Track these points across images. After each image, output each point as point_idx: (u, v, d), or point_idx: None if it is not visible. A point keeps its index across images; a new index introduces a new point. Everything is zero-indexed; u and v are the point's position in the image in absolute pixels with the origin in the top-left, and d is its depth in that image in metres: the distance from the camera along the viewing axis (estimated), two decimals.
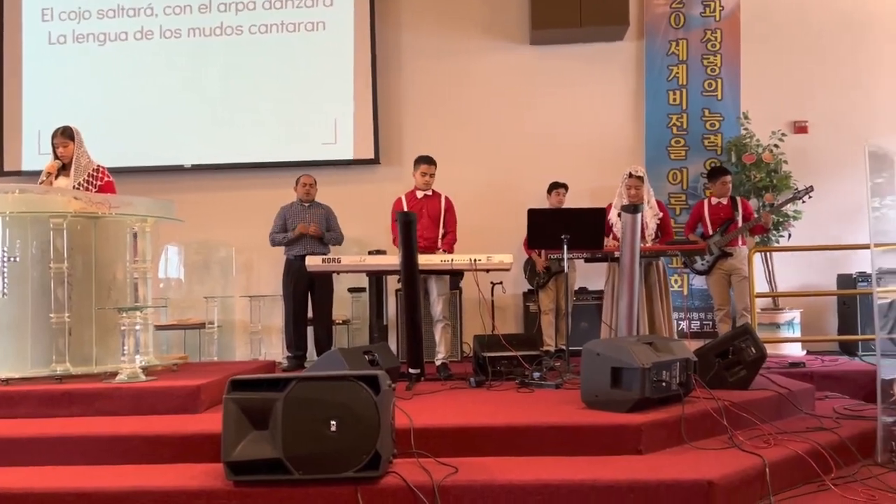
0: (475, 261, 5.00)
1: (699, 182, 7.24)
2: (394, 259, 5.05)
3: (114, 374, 4.23)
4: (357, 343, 6.85)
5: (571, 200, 6.45)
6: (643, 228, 5.53)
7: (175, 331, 7.02)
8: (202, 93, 7.60)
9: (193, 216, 7.14)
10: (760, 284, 6.47)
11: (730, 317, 5.93)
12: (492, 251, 5.15)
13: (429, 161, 5.55)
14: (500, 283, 6.67)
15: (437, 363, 5.32)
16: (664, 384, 3.72)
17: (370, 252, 6.56)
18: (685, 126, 7.32)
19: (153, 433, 3.50)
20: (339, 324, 6.80)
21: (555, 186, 6.51)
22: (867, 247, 4.35)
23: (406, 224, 4.82)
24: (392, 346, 6.55)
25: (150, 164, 7.53)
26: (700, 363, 4.11)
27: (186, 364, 5.34)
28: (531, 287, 6.65)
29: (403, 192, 5.72)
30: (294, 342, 6.09)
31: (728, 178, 6.06)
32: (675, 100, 7.35)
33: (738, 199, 6.08)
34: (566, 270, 5.08)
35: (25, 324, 4.35)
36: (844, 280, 6.77)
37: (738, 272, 5.86)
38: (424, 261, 5.04)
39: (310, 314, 6.22)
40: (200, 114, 7.59)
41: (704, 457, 3.32)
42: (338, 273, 5.76)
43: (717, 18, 7.33)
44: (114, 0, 7.68)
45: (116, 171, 5.29)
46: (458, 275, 6.13)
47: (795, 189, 5.77)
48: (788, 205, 6.13)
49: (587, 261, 5.60)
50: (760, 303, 6.45)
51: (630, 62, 7.51)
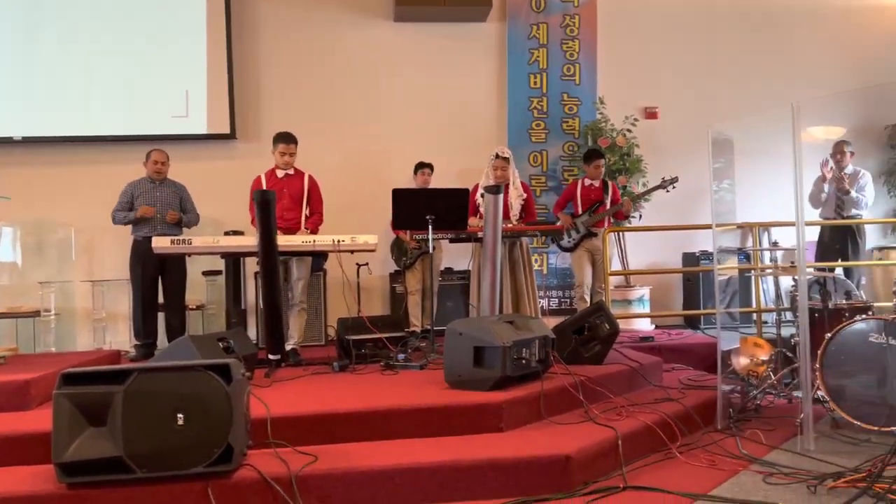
0: (339, 241, 4.86)
1: (558, 165, 7.45)
2: (251, 240, 4.81)
3: None
4: (213, 330, 6.50)
5: (438, 181, 6.43)
6: (508, 208, 5.62)
7: (5, 320, 6.36)
8: (34, 56, 6.88)
9: (25, 193, 6.50)
10: (614, 263, 6.77)
11: (588, 294, 6.15)
12: (357, 232, 5.03)
13: (287, 140, 5.31)
14: (367, 265, 6.58)
15: (288, 348, 5.08)
16: (524, 362, 3.78)
17: (226, 233, 6.23)
18: (545, 109, 7.49)
19: None
20: (193, 309, 6.43)
21: (421, 167, 6.47)
22: (709, 227, 4.62)
23: (264, 203, 4.59)
24: (252, 333, 6.30)
25: None
26: (557, 340, 4.21)
27: (16, 356, 4.85)
28: (398, 268, 6.59)
29: (263, 171, 5.45)
30: (142, 330, 5.68)
31: (601, 163, 6.27)
32: (536, 83, 7.50)
33: (610, 184, 6.31)
34: (431, 251, 5.04)
35: None
36: (689, 258, 7.22)
37: (600, 251, 6.10)
38: (284, 242, 4.83)
39: (161, 299, 5.82)
40: (32, 81, 6.87)
41: (562, 431, 3.41)
42: (189, 255, 5.42)
43: (576, 4, 7.54)
44: None
45: None
46: (323, 256, 5.95)
47: (663, 178, 6.04)
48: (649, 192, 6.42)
49: (451, 241, 5.60)
50: (613, 280, 6.75)
51: (493, 44, 7.57)
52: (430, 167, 6.49)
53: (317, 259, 5.80)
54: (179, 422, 2.75)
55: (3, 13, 6.87)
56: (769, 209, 6.87)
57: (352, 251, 5.04)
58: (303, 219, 5.38)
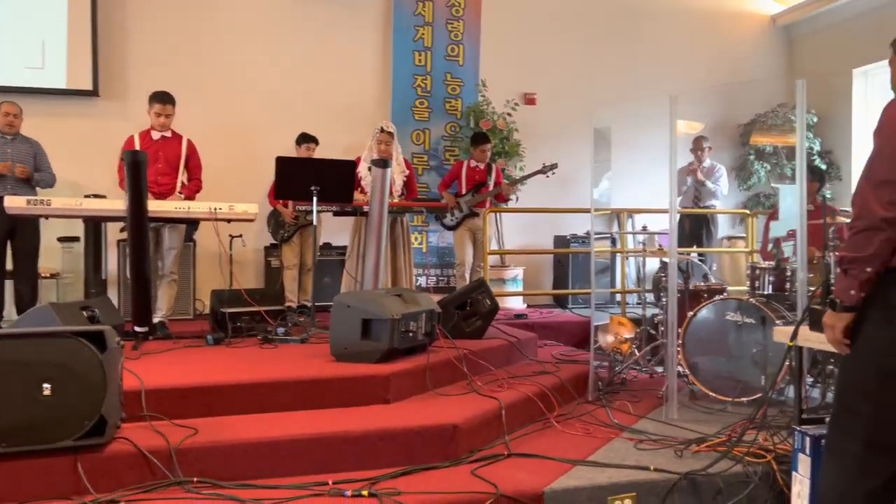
0: (216, 209, 4.63)
1: (440, 144, 7.50)
2: (118, 203, 4.49)
3: None
4: (69, 301, 6.02)
5: (321, 155, 6.28)
6: (391, 184, 5.58)
7: None
8: None
9: None
10: (491, 244, 6.93)
11: (468, 272, 6.26)
12: (231, 200, 4.81)
13: (163, 99, 4.97)
14: (241, 236, 6.34)
15: (156, 321, 4.79)
16: (411, 335, 3.80)
17: (86, 196, 5.77)
18: (429, 88, 7.51)
19: None
20: (47, 278, 5.93)
21: (305, 139, 6.28)
22: (587, 210, 4.83)
23: (134, 164, 4.30)
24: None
25: None
26: (441, 314, 4.26)
27: None
28: (274, 241, 6.39)
29: (137, 131, 5.08)
30: None
31: (488, 146, 6.39)
32: (421, 61, 7.50)
33: (494, 167, 6.42)
34: (315, 223, 4.93)
35: None
36: (560, 241, 7.52)
37: (481, 231, 6.22)
38: (156, 207, 4.55)
39: (9, 266, 5.32)
40: None
41: (448, 402, 3.46)
42: (46, 218, 4.97)
43: None
44: None
45: None
46: (193, 226, 5.66)
47: (543, 164, 6.21)
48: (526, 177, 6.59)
49: (336, 214, 5.50)
50: (489, 260, 6.91)
51: (379, 18, 7.48)
52: (315, 140, 6.31)
53: (188, 228, 5.51)
54: (46, 392, 2.54)
55: None
56: (635, 195, 7.31)
57: (229, 220, 4.82)
58: (178, 186, 5.07)
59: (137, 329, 4.39)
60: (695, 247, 6.76)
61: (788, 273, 4.32)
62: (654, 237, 6.61)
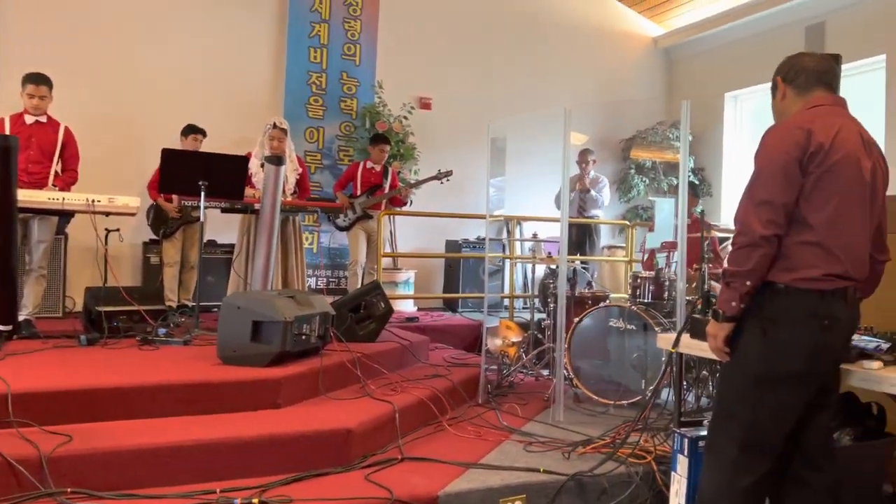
0: (94, 202, 4.35)
1: (334, 143, 7.41)
2: None
3: None
4: None
5: (208, 149, 6.03)
6: (284, 182, 5.45)
7: None
8: None
9: None
10: (384, 247, 6.91)
11: (360, 273, 6.20)
12: (109, 192, 4.54)
13: (37, 80, 4.61)
14: (118, 230, 5.97)
15: (21, 318, 4.44)
16: (304, 337, 3.72)
17: None
18: (324, 86, 7.39)
19: None
20: None
21: (192, 130, 6.00)
22: (481, 217, 4.91)
23: (4, 150, 3.98)
24: None
25: None
26: (335, 317, 4.20)
27: None
28: (155, 236, 6.08)
29: (8, 114, 4.68)
30: None
31: (386, 148, 6.34)
32: (316, 58, 7.37)
33: (390, 169, 6.38)
34: (202, 219, 4.73)
35: None
36: (451, 245, 7.60)
37: (375, 233, 6.16)
38: (27, 197, 4.22)
39: None
40: None
41: (341, 406, 3.42)
42: None
43: None
44: None
45: None
46: (65, 218, 5.29)
47: (439, 170, 6.22)
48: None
49: (224, 210, 5.30)
50: (382, 262, 6.89)
51: (274, 11, 7.29)
52: (203, 132, 6.06)
53: (60, 221, 5.14)
54: None
55: None
56: (524, 203, 7.51)
57: (108, 213, 4.54)
58: (51, 175, 4.71)
59: (1, 327, 4.05)
60: (579, 255, 7.03)
61: (666, 282, 4.59)
62: (542, 244, 6.85)
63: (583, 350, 4.44)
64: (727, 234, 5.96)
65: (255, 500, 2.54)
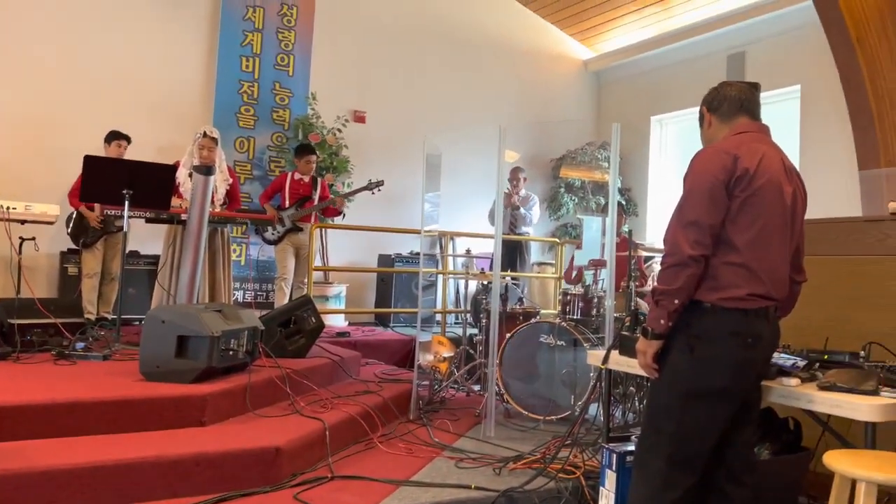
0: (8, 209, 4.15)
1: (266, 154, 7.28)
2: None
3: None
4: None
5: (133, 155, 5.83)
6: (213, 193, 5.31)
7: None
8: None
9: None
10: (315, 260, 6.81)
11: (288, 288, 6.08)
12: (25, 199, 4.34)
13: None
14: (34, 239, 5.69)
15: None
16: (232, 353, 3.62)
17: None
18: (256, 96, 7.27)
19: None
20: None
21: (116, 137, 5.78)
22: (415, 231, 4.91)
23: None
24: None
25: None
26: (264, 332, 4.11)
27: None
28: (74, 246, 5.81)
29: None
30: None
31: (313, 158, 6.23)
32: (248, 67, 7.25)
33: (319, 180, 6.29)
34: (126, 229, 4.55)
35: None
36: (384, 259, 7.56)
37: (305, 246, 6.05)
38: None
39: None
40: None
41: (269, 424, 3.33)
42: None
43: None
44: None
45: None
46: None
47: (370, 180, 6.18)
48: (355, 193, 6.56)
49: (148, 221, 5.11)
50: (313, 276, 6.79)
51: (205, 17, 7.14)
52: (127, 138, 5.84)
53: None
54: None
55: None
56: (457, 219, 7.57)
57: (24, 221, 4.34)
58: None
59: None
60: (510, 271, 7.11)
61: (595, 299, 4.68)
62: (474, 260, 6.89)
63: (514, 366, 4.47)
64: (652, 254, 6.15)
65: None
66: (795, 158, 6.76)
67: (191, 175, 4.88)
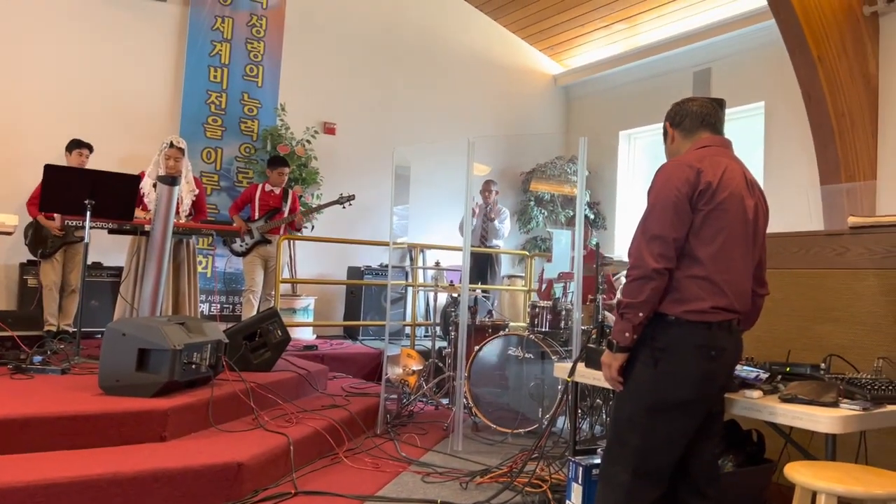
0: None
1: (233, 165, 7.20)
2: None
3: None
4: None
5: (96, 165, 5.73)
6: (178, 203, 5.23)
7: None
8: None
9: None
10: (283, 272, 6.74)
11: (256, 300, 6.00)
12: None
13: None
14: None
15: None
16: (194, 366, 3.55)
17: None
18: (224, 106, 7.20)
19: None
20: None
21: (77, 145, 5.67)
22: (384, 243, 4.89)
23: None
24: None
25: None
26: (228, 345, 4.04)
27: None
28: (33, 257, 5.68)
29: None
30: None
31: (286, 171, 6.16)
32: (216, 77, 7.18)
33: (290, 192, 6.22)
34: (87, 240, 4.46)
35: None
36: (353, 272, 7.51)
37: (274, 258, 5.97)
38: None
39: None
40: None
41: (232, 439, 3.28)
42: None
43: (265, 6, 7.42)
44: None
45: None
46: None
47: (341, 194, 6.12)
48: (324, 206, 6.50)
49: (111, 231, 5.01)
50: (280, 288, 6.71)
51: (173, 26, 7.06)
52: (90, 147, 5.74)
53: None
54: None
55: None
56: (427, 231, 7.56)
57: None
58: None
59: None
60: (480, 283, 7.11)
61: (563, 312, 4.69)
62: (444, 272, 6.88)
63: (482, 378, 4.46)
64: (620, 267, 6.19)
65: None
66: (760, 174, 6.88)
67: (155, 185, 4.80)
